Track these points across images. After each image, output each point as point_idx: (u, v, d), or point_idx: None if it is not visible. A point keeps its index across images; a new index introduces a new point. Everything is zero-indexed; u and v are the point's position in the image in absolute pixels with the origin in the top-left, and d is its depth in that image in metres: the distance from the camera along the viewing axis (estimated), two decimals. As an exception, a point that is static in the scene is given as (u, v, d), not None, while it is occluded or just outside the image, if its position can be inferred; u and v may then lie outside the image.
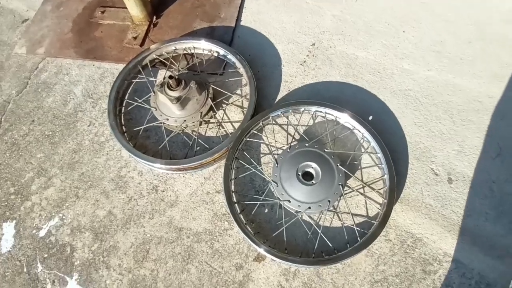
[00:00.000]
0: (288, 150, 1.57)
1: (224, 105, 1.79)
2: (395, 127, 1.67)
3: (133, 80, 1.86)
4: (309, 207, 1.47)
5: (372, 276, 1.42)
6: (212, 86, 1.74)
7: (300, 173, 1.51)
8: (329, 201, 1.47)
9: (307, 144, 1.57)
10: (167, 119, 1.67)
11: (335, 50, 1.88)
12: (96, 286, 1.51)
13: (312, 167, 1.53)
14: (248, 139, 1.65)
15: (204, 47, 1.88)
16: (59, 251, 1.58)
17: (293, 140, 1.68)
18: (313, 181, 1.50)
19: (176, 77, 1.62)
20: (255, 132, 1.67)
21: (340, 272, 1.43)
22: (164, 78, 1.64)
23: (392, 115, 1.70)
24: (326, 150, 1.55)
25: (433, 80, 1.74)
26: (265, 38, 1.96)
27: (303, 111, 1.70)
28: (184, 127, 1.70)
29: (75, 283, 1.52)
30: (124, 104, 1.83)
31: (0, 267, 1.57)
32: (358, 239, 1.44)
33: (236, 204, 1.55)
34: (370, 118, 1.70)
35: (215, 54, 1.89)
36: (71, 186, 1.70)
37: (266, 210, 1.57)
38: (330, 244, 1.45)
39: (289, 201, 1.49)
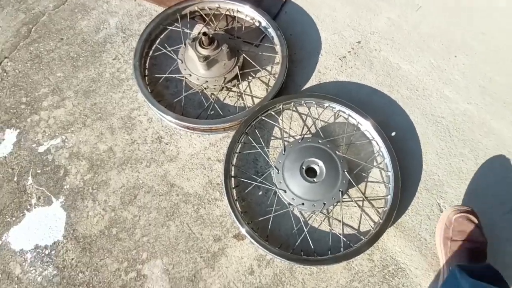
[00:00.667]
0: (300, 141, 1.52)
1: (250, 78, 1.73)
2: (415, 151, 1.60)
3: (168, 27, 1.81)
4: (303, 203, 1.43)
5: (350, 281, 1.39)
6: (244, 55, 1.68)
7: (304, 167, 1.47)
8: (324, 203, 1.43)
9: (320, 141, 1.51)
10: (190, 75, 1.63)
11: (379, 54, 1.79)
12: (78, 214, 1.53)
13: (318, 165, 1.48)
14: (263, 118, 1.60)
15: (248, 13, 1.81)
16: (52, 170, 1.60)
17: (308, 132, 1.63)
18: (314, 179, 1.45)
19: (210, 35, 1.56)
20: (273, 113, 1.62)
21: (313, 275, 1.41)
22: (199, 33, 1.59)
23: (416, 137, 1.62)
24: (337, 153, 1.49)
25: (469, 115, 1.64)
26: (312, 21, 1.87)
27: (326, 106, 1.63)
28: (205, 88, 1.66)
29: (59, 206, 1.54)
30: (153, 48, 1.79)
31: (-6, 169, 1.60)
32: (341, 249, 1.40)
33: (232, 178, 1.52)
34: (393, 134, 1.63)
35: (257, 24, 1.82)
36: (81, 113, 1.70)
37: (260, 193, 1.54)
38: (311, 246, 1.42)
39: (285, 191, 1.45)
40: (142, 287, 1.42)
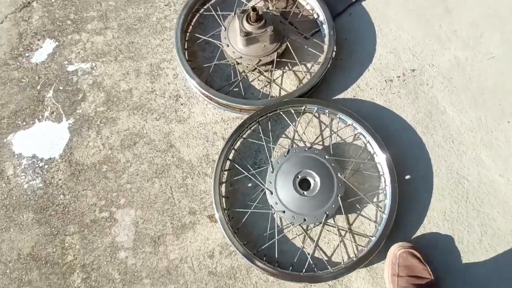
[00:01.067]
0: (306, 149, 1.45)
1: (286, 68, 1.66)
2: (423, 203, 1.48)
3: (227, -10, 1.76)
4: (284, 211, 1.38)
5: (291, 308, 1.36)
6: (288, 43, 1.60)
7: (299, 177, 1.41)
8: (305, 219, 1.37)
9: (327, 156, 1.44)
10: (228, 45, 1.59)
11: (428, 90, 1.64)
12: (79, 141, 1.58)
13: (314, 180, 1.41)
14: (281, 113, 1.54)
15: (310, 2, 1.70)
16: (73, 92, 1.65)
17: (320, 143, 1.55)
18: (305, 192, 1.39)
19: (260, 12, 1.50)
20: (293, 111, 1.55)
21: (267, 283, 1.38)
22: (252, 7, 1.52)
23: (430, 190, 1.50)
24: (339, 175, 1.42)
25: (496, 188, 1.48)
26: (373, 32, 1.73)
27: (349, 124, 1.54)
28: (237, 63, 1.62)
29: (66, 126, 1.60)
30: (205, 7, 1.76)
31: (22, 72, 1.68)
32: (304, 271, 1.36)
33: (228, 161, 1.50)
34: (407, 177, 1.52)
35: (315, 16, 1.71)
36: (117, 47, 1.72)
37: (250, 185, 1.51)
38: (276, 255, 1.39)
39: (271, 192, 1.41)
40: (109, 228, 1.47)
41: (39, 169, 1.54)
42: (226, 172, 1.50)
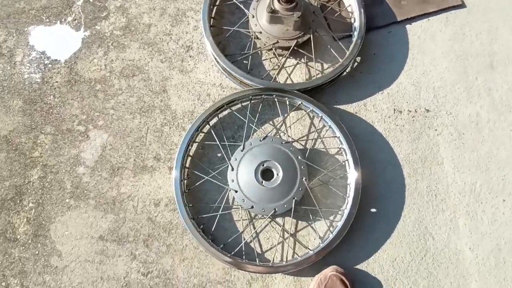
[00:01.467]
0: (283, 142, 1.42)
1: (301, 60, 1.61)
2: (376, 241, 1.42)
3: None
4: (236, 191, 1.38)
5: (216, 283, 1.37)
6: (312, 36, 1.55)
7: (264, 165, 1.39)
8: (252, 207, 1.36)
9: (299, 157, 1.40)
10: (253, 17, 1.56)
11: (434, 137, 1.54)
12: (86, 54, 1.62)
13: (277, 174, 1.39)
14: (276, 100, 1.51)
15: (352, 4, 1.63)
16: (99, 8, 1.70)
17: (299, 142, 1.51)
18: (263, 182, 1.37)
19: (294, -5, 1.46)
20: (288, 103, 1.51)
21: (195, 251, 1.39)
22: (291, -13, 1.48)
23: (390, 231, 1.43)
24: (304, 179, 1.38)
25: (460, 259, 1.39)
26: (404, 58, 1.64)
27: (335, 136, 1.48)
28: (257, 37, 1.59)
29: (81, 37, 1.65)
30: (251, -27, 1.73)
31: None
32: (231, 254, 1.35)
33: (208, 125, 1.50)
34: (373, 210, 1.45)
35: (352, 20, 1.64)
36: (155, -18, 1.74)
37: (219, 155, 1.50)
38: (213, 229, 1.39)
39: (233, 169, 1.40)
40: (79, 142, 1.52)
41: (43, 66, 1.62)
42: (202, 134, 1.51)
